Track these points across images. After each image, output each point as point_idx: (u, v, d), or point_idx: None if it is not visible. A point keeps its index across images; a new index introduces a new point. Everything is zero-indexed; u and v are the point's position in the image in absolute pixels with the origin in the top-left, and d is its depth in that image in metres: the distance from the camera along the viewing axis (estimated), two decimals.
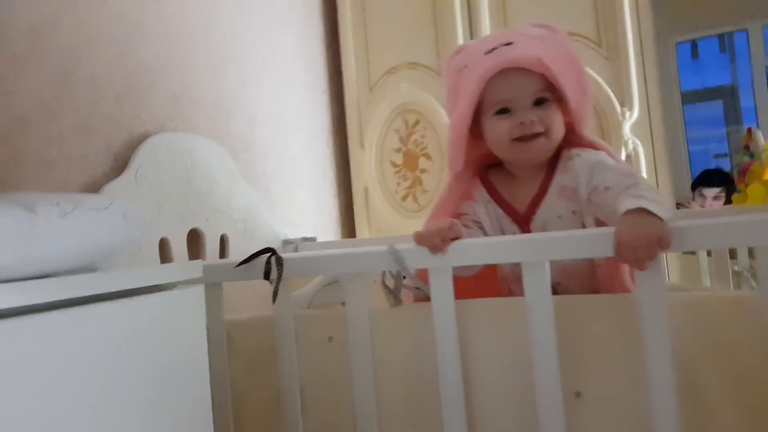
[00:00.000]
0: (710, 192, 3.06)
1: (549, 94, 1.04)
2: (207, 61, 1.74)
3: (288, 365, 1.08)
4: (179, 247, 1.54)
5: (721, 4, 4.48)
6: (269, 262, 1.06)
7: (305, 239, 1.91)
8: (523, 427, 0.92)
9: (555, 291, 1.10)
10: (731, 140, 5.06)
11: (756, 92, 4.76)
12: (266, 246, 1.79)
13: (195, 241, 1.61)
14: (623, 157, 1.89)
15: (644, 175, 1.88)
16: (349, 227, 2.33)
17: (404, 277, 1.02)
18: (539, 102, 1.04)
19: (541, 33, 1.09)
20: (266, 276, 1.06)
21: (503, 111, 1.06)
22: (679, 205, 3.13)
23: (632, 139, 1.89)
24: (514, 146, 1.06)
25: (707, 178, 3.18)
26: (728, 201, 2.81)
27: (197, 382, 0.80)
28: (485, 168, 1.18)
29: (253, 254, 1.09)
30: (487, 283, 1.16)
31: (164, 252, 1.50)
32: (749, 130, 2.29)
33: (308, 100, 2.19)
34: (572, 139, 1.11)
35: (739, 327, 0.83)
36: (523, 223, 1.10)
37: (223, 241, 1.69)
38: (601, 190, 1.00)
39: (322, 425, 1.07)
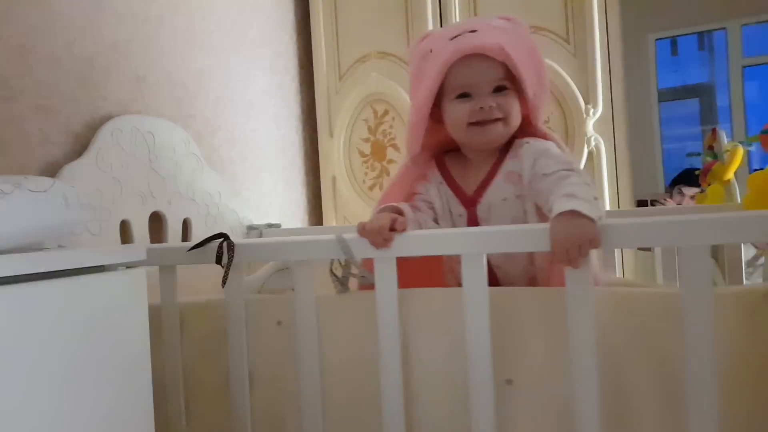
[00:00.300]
0: (689, 191, 3.13)
1: (509, 83, 1.08)
2: (173, 42, 1.74)
3: (238, 348, 1.10)
4: (141, 229, 1.55)
5: (701, 2, 4.52)
6: (221, 247, 1.08)
7: (270, 225, 1.92)
8: (458, 411, 0.95)
9: (494, 275, 1.13)
10: (705, 137, 5.12)
11: (731, 91, 4.82)
12: (229, 230, 1.82)
13: (157, 224, 1.62)
14: (585, 153, 1.93)
15: (604, 172, 1.92)
16: (316, 215, 2.35)
17: (350, 266, 1.04)
18: (499, 89, 1.08)
19: (505, 24, 1.12)
20: (218, 260, 1.08)
21: (463, 95, 1.09)
22: (654, 202, 3.20)
23: (595, 136, 1.92)
24: (471, 129, 1.09)
25: (689, 177, 3.26)
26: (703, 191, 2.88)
27: (138, 363, 0.82)
28: (443, 152, 1.21)
29: (206, 239, 1.11)
30: (436, 271, 1.19)
31: (125, 234, 1.51)
32: (713, 131, 2.34)
33: (277, 86, 2.20)
34: (526, 129, 1.15)
35: (664, 322, 0.87)
36: (470, 205, 1.13)
37: (186, 225, 1.70)
38: (540, 176, 1.03)
39: (270, 406, 1.10)
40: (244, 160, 2.01)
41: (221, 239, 1.09)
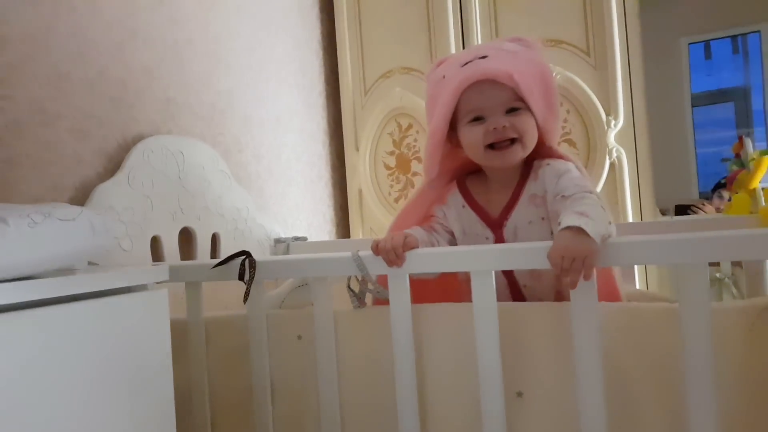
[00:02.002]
0: (727, 194, 3.10)
1: (521, 104, 1.09)
2: (201, 64, 1.81)
3: (259, 361, 1.15)
4: (171, 245, 1.61)
5: (734, 5, 4.45)
6: (243, 264, 1.13)
7: (296, 239, 1.97)
8: (470, 423, 0.98)
9: (521, 293, 1.16)
10: (732, 147, 5.01)
11: (766, 94, 4.72)
12: (257, 244, 1.87)
13: (187, 239, 1.69)
14: (606, 165, 1.93)
15: (626, 183, 1.92)
16: (343, 227, 2.39)
17: (367, 282, 1.08)
18: (512, 110, 1.09)
19: (516, 48, 1.13)
20: (240, 277, 1.13)
21: (477, 119, 1.11)
22: (688, 207, 3.17)
23: (616, 147, 1.92)
24: (488, 153, 1.11)
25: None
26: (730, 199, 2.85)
27: (160, 380, 0.87)
28: (464, 175, 1.23)
29: (229, 256, 1.16)
30: (450, 287, 1.21)
31: (156, 250, 1.58)
32: (740, 139, 2.31)
33: (304, 103, 2.26)
34: (543, 151, 1.15)
35: (668, 336, 0.88)
36: (496, 227, 1.15)
37: (215, 240, 1.76)
38: (560, 198, 1.05)
39: (290, 417, 1.14)
40: (272, 175, 2.07)
41: (243, 257, 1.14)
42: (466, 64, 1.10)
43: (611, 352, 0.90)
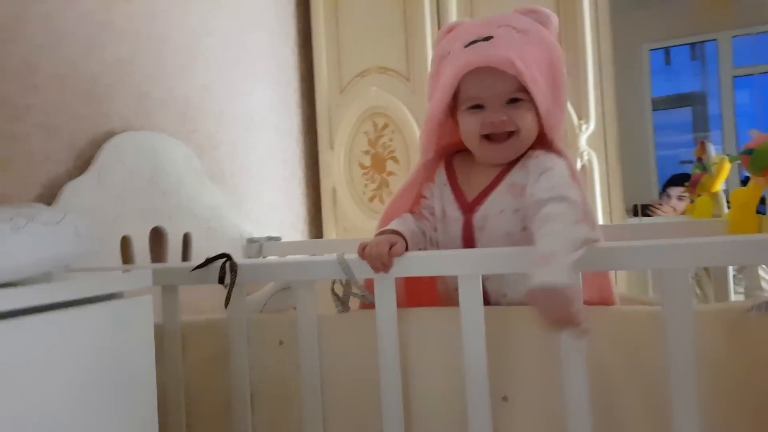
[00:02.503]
0: (674, 191, 3.21)
1: (523, 94, 1.03)
2: (176, 59, 1.77)
3: (240, 367, 1.12)
4: (141, 245, 1.57)
5: (693, 14, 4.60)
6: (224, 268, 1.10)
7: (270, 238, 1.95)
8: (456, 428, 0.98)
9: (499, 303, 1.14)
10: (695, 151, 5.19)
11: (722, 100, 4.90)
12: (229, 243, 1.84)
13: (158, 239, 1.64)
14: (578, 167, 1.96)
15: (597, 185, 1.96)
16: (316, 227, 2.37)
17: (352, 285, 1.07)
18: (512, 100, 1.03)
19: (527, 25, 1.05)
20: (221, 281, 1.10)
21: (476, 106, 1.05)
22: (649, 207, 3.27)
23: (587, 151, 1.96)
24: (484, 144, 1.07)
25: (673, 179, 3.34)
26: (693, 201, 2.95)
27: (144, 388, 0.84)
28: (454, 152, 1.18)
29: (208, 259, 1.13)
30: (434, 291, 1.21)
31: (126, 250, 1.53)
32: (702, 144, 2.39)
33: (279, 100, 2.22)
34: (543, 143, 1.10)
35: (651, 339, 0.90)
36: (468, 210, 1.10)
37: (187, 240, 1.72)
38: (533, 199, 0.99)
39: (271, 425, 1.12)
40: (245, 173, 2.04)
41: (224, 259, 1.11)
42: (470, 44, 1.03)
43: (595, 355, 0.91)
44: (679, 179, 3.24)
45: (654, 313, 0.92)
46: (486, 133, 1.05)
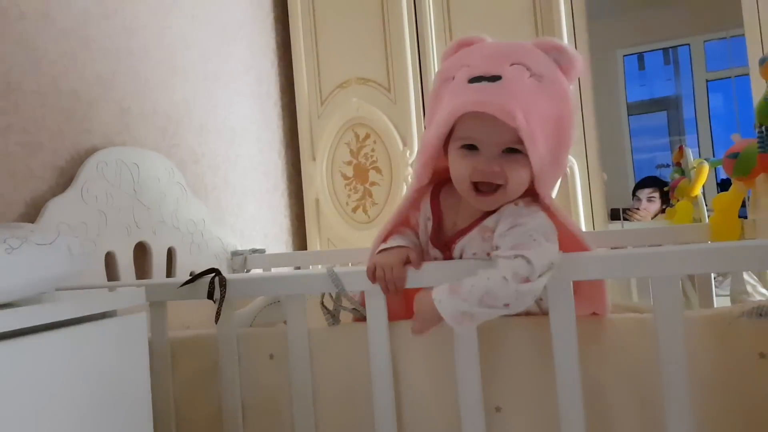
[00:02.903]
0: (643, 193, 3.26)
1: (521, 146, 0.93)
2: (156, 74, 1.76)
3: (230, 382, 1.12)
4: (126, 261, 1.56)
5: (665, 19, 4.68)
6: (213, 283, 1.10)
7: (254, 251, 1.94)
8: None
9: None
10: (674, 150, 5.28)
11: (697, 104, 4.99)
12: (214, 257, 1.83)
13: (142, 254, 1.63)
14: None
15: (579, 191, 1.98)
16: (300, 238, 2.37)
17: (342, 298, 1.07)
18: (509, 150, 0.95)
19: (544, 69, 0.94)
20: (210, 296, 1.10)
21: (470, 146, 0.97)
22: (626, 211, 3.31)
23: (569, 158, 1.98)
24: (471, 193, 0.99)
25: (641, 182, 3.39)
26: (664, 202, 3.00)
27: (140, 405, 0.84)
28: (443, 181, 1.11)
29: (197, 274, 1.13)
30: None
31: (110, 266, 1.52)
32: (680, 148, 2.44)
33: (260, 112, 2.22)
34: (531, 193, 1.01)
35: (642, 346, 0.91)
36: (444, 249, 1.07)
37: (171, 254, 1.71)
38: (496, 241, 0.96)
39: None
40: (228, 186, 2.03)
41: (213, 275, 1.11)
42: (475, 80, 0.94)
43: (587, 364, 0.92)
44: (647, 181, 3.30)
45: (643, 320, 0.94)
46: (476, 180, 0.97)
